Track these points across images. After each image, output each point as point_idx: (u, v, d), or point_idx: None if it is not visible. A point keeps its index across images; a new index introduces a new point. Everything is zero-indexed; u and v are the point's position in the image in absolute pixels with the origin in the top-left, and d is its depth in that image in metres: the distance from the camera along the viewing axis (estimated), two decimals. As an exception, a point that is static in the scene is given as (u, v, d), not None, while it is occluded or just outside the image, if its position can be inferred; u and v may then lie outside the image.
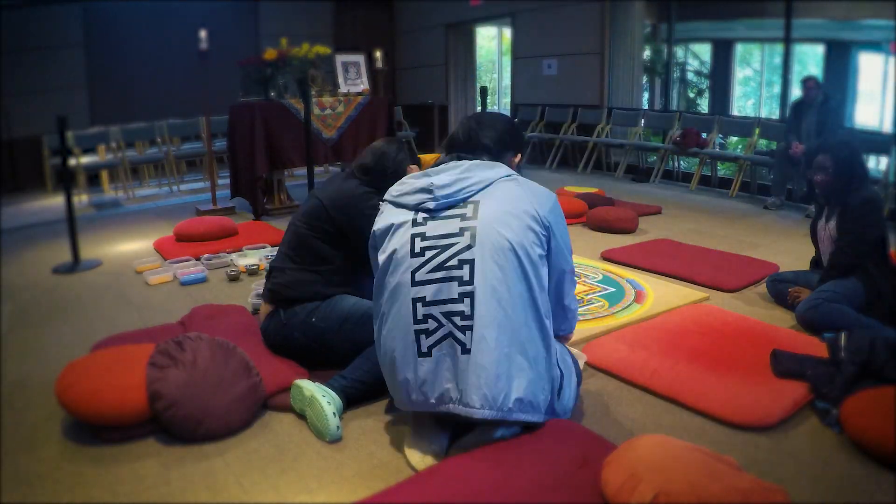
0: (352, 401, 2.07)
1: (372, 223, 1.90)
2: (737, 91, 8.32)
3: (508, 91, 9.54)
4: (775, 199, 5.50)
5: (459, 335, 1.66)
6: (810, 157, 2.92)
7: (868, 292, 2.68)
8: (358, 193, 2.33)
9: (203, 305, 2.95)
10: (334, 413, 1.92)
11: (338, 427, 1.92)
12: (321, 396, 1.94)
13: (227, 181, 5.68)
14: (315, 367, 2.29)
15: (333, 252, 2.32)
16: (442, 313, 1.68)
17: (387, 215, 1.84)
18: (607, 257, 3.87)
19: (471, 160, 1.85)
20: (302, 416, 2.03)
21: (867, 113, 7.18)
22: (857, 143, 2.95)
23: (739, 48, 8.12)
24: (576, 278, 3.43)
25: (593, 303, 3.09)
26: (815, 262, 3.08)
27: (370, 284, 2.24)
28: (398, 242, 1.76)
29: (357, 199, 2.32)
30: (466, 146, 1.91)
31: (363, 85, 5.93)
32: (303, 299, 2.29)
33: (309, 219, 2.34)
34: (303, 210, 2.41)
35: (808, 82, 5.31)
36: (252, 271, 3.59)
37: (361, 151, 2.53)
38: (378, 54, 6.06)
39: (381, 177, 2.33)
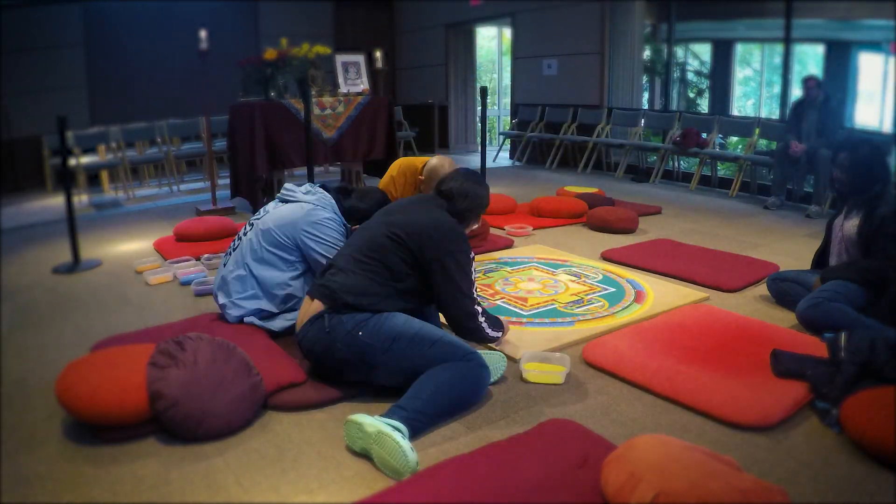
0: (415, 434, 1.87)
1: (460, 266, 2.15)
2: (737, 91, 8.31)
3: (508, 91, 9.54)
4: (775, 198, 5.50)
5: None
6: (833, 154, 2.93)
7: (869, 293, 2.68)
8: (454, 232, 2.24)
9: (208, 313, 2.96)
10: (411, 447, 1.72)
11: (416, 462, 1.71)
12: (391, 431, 1.74)
13: (227, 181, 5.68)
14: (350, 385, 2.17)
15: (409, 272, 2.19)
16: None
17: None
18: (607, 257, 3.87)
19: None
20: (362, 455, 1.83)
21: (867, 113, 7.18)
22: (879, 144, 2.94)
23: (739, 48, 8.11)
24: (576, 278, 3.44)
25: (593, 303, 3.09)
26: (819, 256, 3.07)
27: (431, 313, 2.34)
28: None
29: (450, 237, 2.23)
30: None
31: (363, 85, 5.93)
32: (356, 308, 2.11)
33: (393, 231, 2.20)
34: (388, 219, 2.27)
35: (808, 82, 5.31)
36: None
37: (448, 175, 2.46)
38: (378, 54, 6.06)
39: (464, 214, 2.37)
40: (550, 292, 3.23)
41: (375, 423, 1.78)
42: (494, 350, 2.44)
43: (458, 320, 2.25)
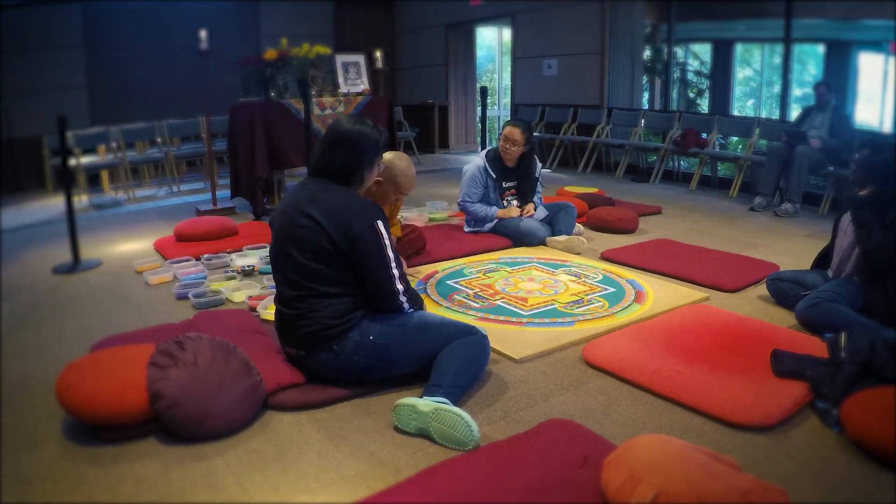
0: (455, 403, 2.02)
1: (372, 245, 2.10)
2: (737, 91, 8.31)
3: (508, 91, 9.54)
4: (761, 198, 5.46)
5: None
6: (855, 152, 2.94)
7: (868, 294, 2.68)
8: (361, 209, 2.15)
9: (206, 311, 2.96)
10: (470, 418, 1.87)
11: (477, 430, 1.86)
12: (449, 405, 1.91)
13: (227, 181, 5.68)
14: (369, 386, 2.20)
15: (348, 273, 2.15)
16: None
17: None
18: (607, 257, 3.87)
19: None
20: (418, 435, 1.93)
21: (867, 113, 7.18)
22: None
23: (739, 48, 8.11)
24: (576, 278, 3.45)
25: (593, 303, 3.09)
26: (822, 257, 3.07)
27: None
28: None
29: (362, 217, 2.13)
30: None
31: (363, 85, 5.92)
32: (347, 328, 2.13)
33: (304, 248, 2.11)
34: (290, 235, 2.13)
35: (819, 87, 5.36)
36: (247, 272, 3.58)
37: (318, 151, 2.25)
38: (378, 54, 6.05)
39: (354, 170, 2.20)
40: (550, 292, 3.23)
41: (429, 402, 1.93)
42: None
43: (384, 301, 2.19)
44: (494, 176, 4.23)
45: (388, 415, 2.06)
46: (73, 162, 5.91)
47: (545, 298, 3.14)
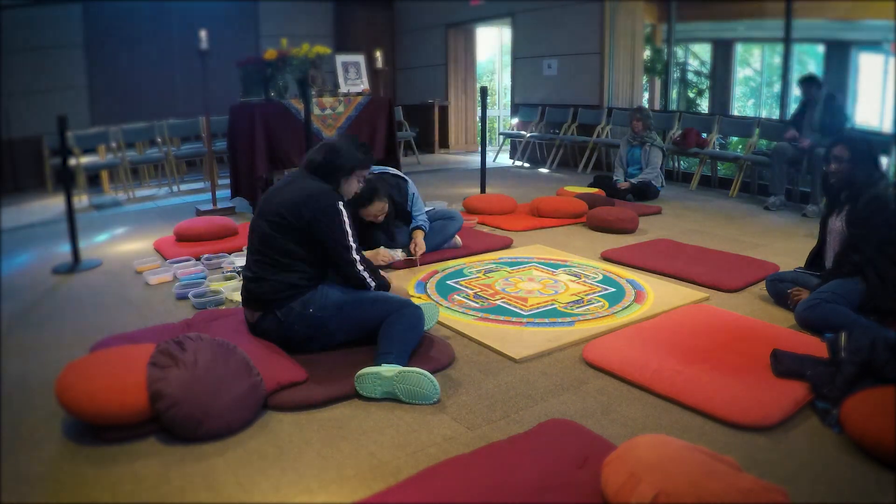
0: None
1: (333, 221, 2.39)
2: (737, 91, 8.31)
3: (508, 91, 9.54)
4: (775, 198, 5.49)
5: None
6: (827, 149, 2.93)
7: (866, 294, 2.68)
8: (320, 192, 2.45)
9: (206, 311, 2.96)
10: (428, 373, 2.15)
11: (438, 385, 2.14)
12: (407, 368, 2.16)
13: (227, 181, 5.68)
14: (314, 354, 2.43)
15: (302, 248, 2.42)
16: None
17: None
18: (607, 257, 3.88)
19: None
20: (385, 399, 2.15)
21: (867, 113, 7.18)
22: (872, 139, 2.98)
23: (739, 48, 8.11)
24: (576, 278, 3.44)
25: (593, 303, 3.09)
26: (815, 256, 3.07)
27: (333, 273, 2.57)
28: None
29: (317, 196, 2.43)
30: None
31: (363, 85, 5.92)
32: (291, 297, 2.41)
33: (273, 215, 2.42)
34: (265, 208, 2.48)
35: (804, 85, 5.36)
36: (238, 272, 3.57)
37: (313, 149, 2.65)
38: (378, 54, 6.06)
39: (331, 173, 2.54)
40: (550, 292, 3.23)
41: (390, 367, 2.17)
42: (429, 301, 3.03)
43: (346, 274, 2.50)
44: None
45: (388, 415, 2.06)
46: (73, 162, 5.92)
47: (545, 298, 3.14)
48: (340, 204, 2.45)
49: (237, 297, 3.16)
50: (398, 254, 3.63)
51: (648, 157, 5.92)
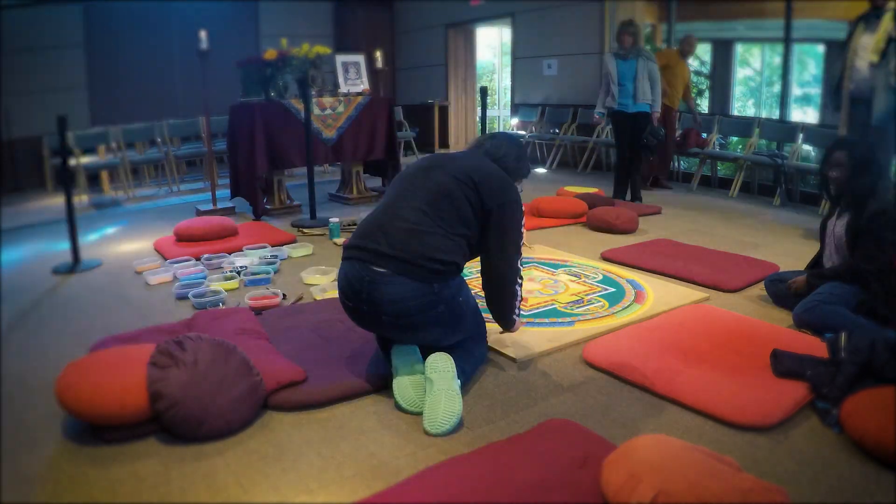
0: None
1: (520, 221, 2.23)
2: (737, 91, 8.31)
3: (508, 91, 9.54)
4: None
5: None
6: (825, 153, 2.92)
7: (865, 300, 2.68)
8: (511, 183, 2.28)
9: (206, 311, 2.96)
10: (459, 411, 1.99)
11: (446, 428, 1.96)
12: (456, 392, 2.00)
13: (227, 181, 5.68)
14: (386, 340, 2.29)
15: (476, 223, 2.16)
16: None
17: None
18: (607, 257, 3.87)
19: None
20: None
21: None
22: (871, 144, 2.95)
23: (739, 48, 8.11)
24: (576, 278, 3.45)
25: (593, 303, 3.09)
26: (815, 262, 3.07)
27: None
28: None
29: (511, 185, 2.26)
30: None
31: (363, 85, 5.92)
32: (451, 272, 2.10)
33: (464, 176, 2.15)
34: (448, 167, 2.20)
35: None
36: (237, 272, 3.58)
37: (489, 136, 2.43)
38: (378, 54, 6.06)
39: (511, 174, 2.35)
40: (550, 292, 3.23)
41: (454, 383, 2.02)
42: None
43: (504, 274, 2.23)
44: None
45: (388, 415, 2.06)
46: (73, 162, 5.92)
47: (545, 298, 3.14)
48: (521, 204, 2.26)
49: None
50: None
51: (649, 72, 5.26)
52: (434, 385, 2.00)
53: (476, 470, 1.69)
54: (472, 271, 3.60)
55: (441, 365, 2.04)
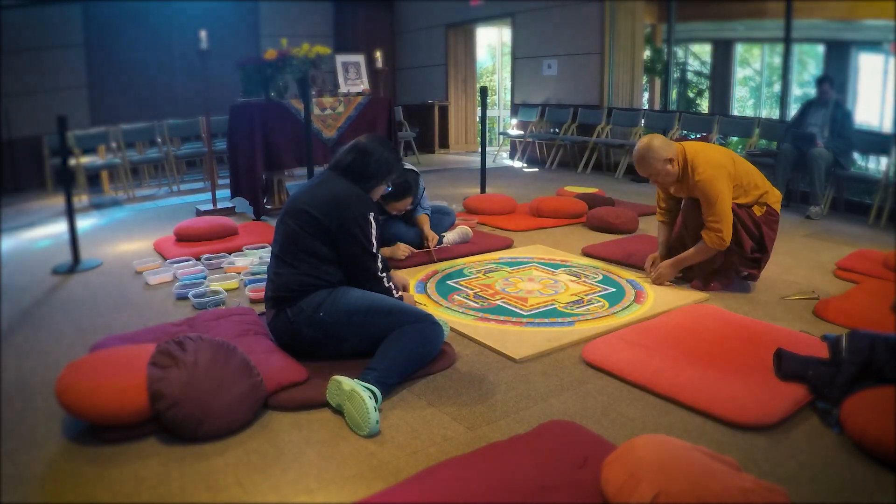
0: (387, 390, 2.14)
1: (364, 231, 2.34)
2: (737, 91, 8.31)
3: (508, 91, 9.55)
4: (817, 208, 5.16)
5: None
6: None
7: None
8: (352, 197, 2.39)
9: (206, 311, 2.96)
10: (375, 407, 1.96)
11: (377, 421, 1.94)
12: (361, 390, 1.98)
13: (227, 181, 5.69)
14: (323, 360, 2.36)
15: (325, 248, 2.36)
16: None
17: None
18: (588, 252, 3.96)
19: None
20: (337, 412, 2.06)
21: (867, 113, 7.18)
22: None
23: (739, 48, 8.12)
24: (576, 278, 3.45)
25: (593, 303, 3.09)
26: None
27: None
28: None
29: (348, 202, 2.37)
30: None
31: (363, 85, 5.93)
32: (303, 296, 2.34)
33: (301, 213, 2.36)
34: (292, 207, 2.42)
35: (822, 84, 5.30)
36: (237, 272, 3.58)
37: (343, 149, 2.56)
38: (378, 54, 6.06)
39: (366, 179, 2.48)
40: (550, 292, 3.23)
41: (351, 383, 2.02)
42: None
43: (360, 279, 2.42)
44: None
45: (389, 415, 2.06)
46: (73, 162, 5.92)
47: (545, 298, 3.14)
48: (371, 214, 2.39)
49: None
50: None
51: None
52: (344, 407, 2.04)
53: (476, 470, 1.69)
54: (473, 271, 3.60)
55: (342, 389, 2.05)
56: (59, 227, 4.26)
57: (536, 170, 8.00)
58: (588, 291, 3.25)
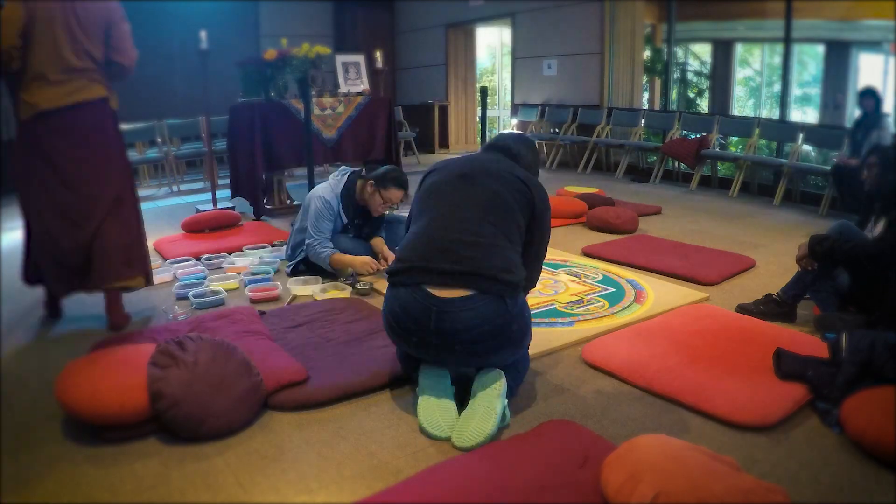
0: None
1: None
2: (737, 91, 8.32)
3: (508, 91, 9.55)
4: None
5: None
6: (863, 156, 2.97)
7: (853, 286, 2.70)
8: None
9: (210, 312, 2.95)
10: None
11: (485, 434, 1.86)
12: (497, 416, 1.89)
13: (227, 181, 5.68)
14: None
15: (525, 230, 2.06)
16: None
17: None
18: (588, 252, 3.97)
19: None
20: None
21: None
22: None
23: (739, 48, 8.12)
24: (576, 278, 3.44)
25: (593, 303, 3.09)
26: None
27: None
28: None
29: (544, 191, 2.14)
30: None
31: (363, 85, 5.93)
32: (518, 286, 1.94)
33: (512, 187, 2.01)
34: (490, 170, 2.06)
35: (865, 100, 4.99)
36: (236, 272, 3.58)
37: (504, 136, 2.29)
38: (378, 54, 6.06)
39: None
40: (550, 292, 3.23)
41: (504, 399, 1.93)
42: None
43: (535, 281, 2.24)
44: (345, 220, 3.49)
45: (388, 415, 2.06)
46: (73, 162, 5.90)
47: (545, 298, 3.14)
48: None
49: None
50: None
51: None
52: (476, 400, 1.92)
53: (476, 470, 1.69)
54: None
55: (490, 381, 1.95)
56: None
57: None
58: (588, 291, 3.25)
